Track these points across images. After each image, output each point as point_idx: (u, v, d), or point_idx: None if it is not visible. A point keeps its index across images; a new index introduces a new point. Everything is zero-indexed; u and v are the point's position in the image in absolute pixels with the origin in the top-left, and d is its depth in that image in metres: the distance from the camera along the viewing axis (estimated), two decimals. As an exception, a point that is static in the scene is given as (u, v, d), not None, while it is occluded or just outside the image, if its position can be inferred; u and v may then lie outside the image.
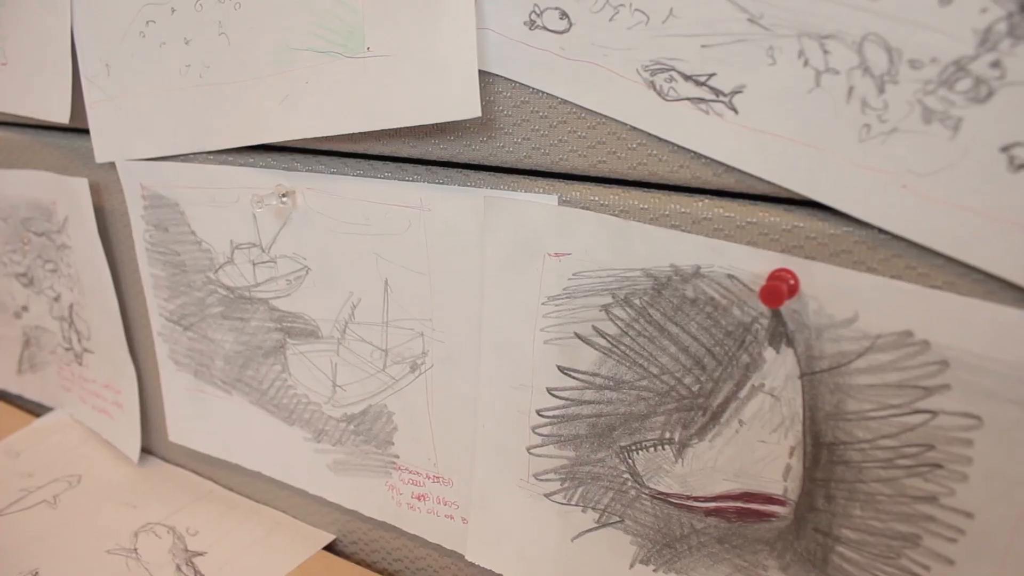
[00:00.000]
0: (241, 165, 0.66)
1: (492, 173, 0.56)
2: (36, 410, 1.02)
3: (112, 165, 0.76)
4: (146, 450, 0.92)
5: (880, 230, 0.43)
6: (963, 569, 0.45)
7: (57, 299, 0.90)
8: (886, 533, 0.47)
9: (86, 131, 0.76)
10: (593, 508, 0.58)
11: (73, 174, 0.81)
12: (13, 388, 1.03)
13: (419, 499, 0.67)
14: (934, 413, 0.44)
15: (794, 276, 0.45)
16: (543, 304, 0.54)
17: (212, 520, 0.80)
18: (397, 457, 0.67)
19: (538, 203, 0.53)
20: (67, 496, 0.84)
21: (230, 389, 0.77)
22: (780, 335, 0.46)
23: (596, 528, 0.58)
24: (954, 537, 0.45)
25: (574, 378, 0.55)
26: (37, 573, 0.73)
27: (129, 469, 0.89)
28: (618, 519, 0.57)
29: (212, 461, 0.86)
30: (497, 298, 0.56)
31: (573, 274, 0.53)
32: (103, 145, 0.74)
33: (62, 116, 0.76)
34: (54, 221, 0.85)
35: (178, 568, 0.73)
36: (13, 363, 1.01)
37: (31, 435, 0.95)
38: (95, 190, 0.79)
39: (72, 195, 0.80)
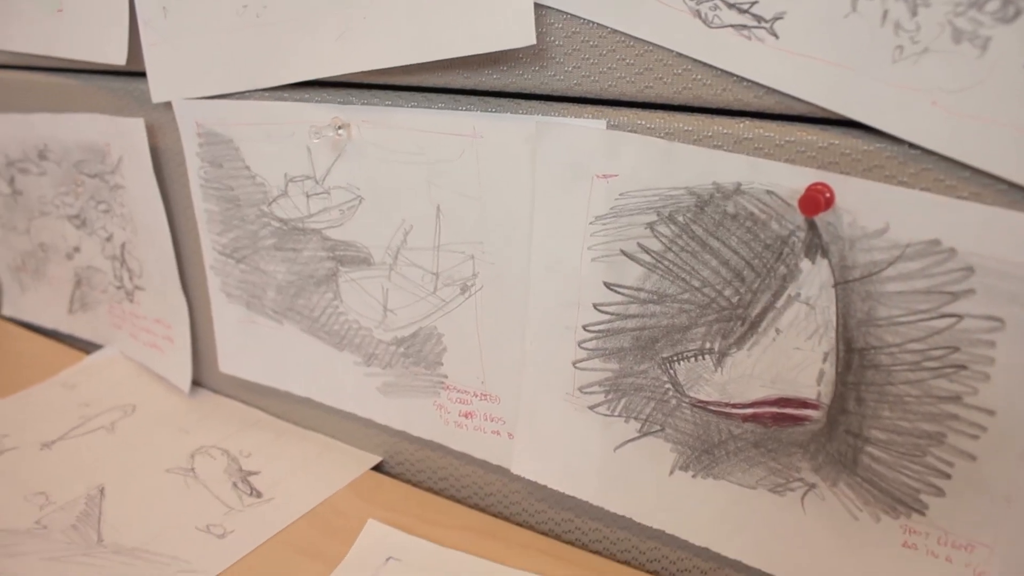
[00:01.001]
0: (297, 101, 0.69)
1: (543, 101, 0.58)
2: (87, 348, 1.05)
3: (165, 106, 0.79)
4: (196, 382, 0.95)
5: (911, 145, 0.46)
6: (985, 464, 0.48)
7: (109, 239, 0.94)
8: (913, 432, 0.50)
9: (139, 74, 0.79)
10: (635, 418, 0.61)
11: (127, 116, 0.83)
12: (64, 328, 1.06)
13: (466, 416, 0.71)
14: (959, 317, 0.46)
15: (830, 190, 0.48)
16: (591, 224, 0.57)
17: (263, 444, 0.84)
18: (446, 377, 0.70)
19: (587, 127, 0.55)
20: (123, 423, 0.88)
21: (281, 319, 0.80)
22: (816, 246, 0.50)
23: (638, 437, 0.61)
24: (976, 434, 0.48)
25: (620, 293, 0.58)
26: (103, 488, 0.77)
27: (180, 400, 0.93)
28: (659, 428, 0.60)
29: (261, 391, 0.89)
30: (547, 219, 0.59)
31: (620, 194, 0.55)
32: (159, 85, 0.77)
33: (119, 58, 0.78)
34: (107, 162, 0.88)
35: (234, 485, 0.77)
36: (64, 303, 1.04)
37: (84, 370, 0.99)
38: (148, 131, 0.82)
39: (127, 135, 0.83)
